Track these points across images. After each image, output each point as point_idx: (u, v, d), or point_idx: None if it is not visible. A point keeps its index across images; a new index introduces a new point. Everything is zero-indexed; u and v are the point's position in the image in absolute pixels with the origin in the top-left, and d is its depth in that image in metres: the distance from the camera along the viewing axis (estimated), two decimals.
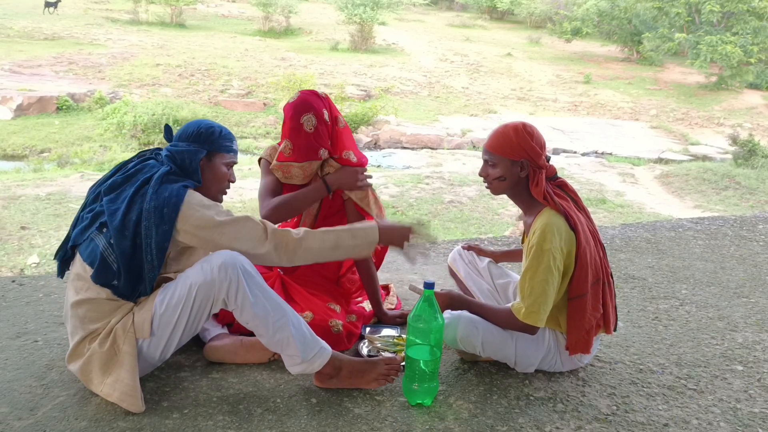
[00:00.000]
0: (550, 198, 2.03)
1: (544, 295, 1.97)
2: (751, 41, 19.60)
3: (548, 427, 1.89)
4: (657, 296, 2.98)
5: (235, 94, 16.50)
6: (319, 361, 1.93)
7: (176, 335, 1.89)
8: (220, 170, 2.01)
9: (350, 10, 22.43)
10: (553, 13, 28.35)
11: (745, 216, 4.56)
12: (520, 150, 2.02)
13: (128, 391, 1.83)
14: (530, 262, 1.98)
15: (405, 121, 15.80)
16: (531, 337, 2.09)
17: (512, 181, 2.06)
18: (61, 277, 2.00)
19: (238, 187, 9.72)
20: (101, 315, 1.87)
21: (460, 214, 9.41)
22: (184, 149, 1.95)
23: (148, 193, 1.82)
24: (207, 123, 2.03)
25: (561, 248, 1.98)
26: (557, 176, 2.12)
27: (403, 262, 3.31)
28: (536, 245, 1.97)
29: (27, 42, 18.86)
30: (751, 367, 2.34)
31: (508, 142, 2.03)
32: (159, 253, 1.82)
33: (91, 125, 13.64)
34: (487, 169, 2.10)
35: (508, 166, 2.04)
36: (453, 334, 2.08)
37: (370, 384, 2.01)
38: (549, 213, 2.02)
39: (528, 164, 2.03)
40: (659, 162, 14.39)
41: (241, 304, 1.84)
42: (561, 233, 1.98)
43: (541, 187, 2.03)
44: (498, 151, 2.05)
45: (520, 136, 2.02)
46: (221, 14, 27.27)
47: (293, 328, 1.88)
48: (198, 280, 1.83)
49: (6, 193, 8.81)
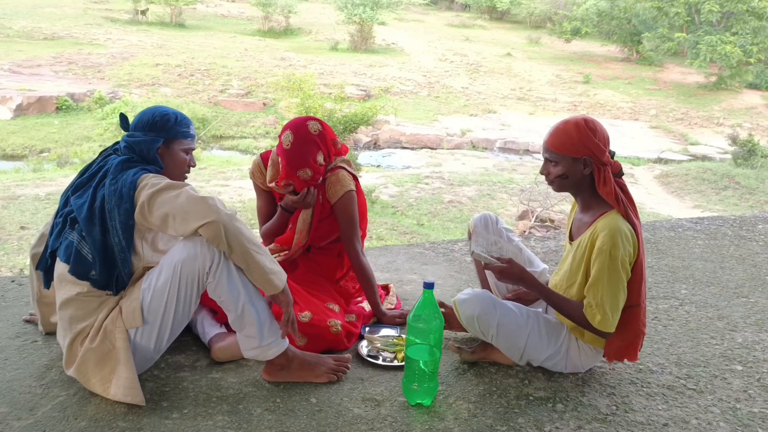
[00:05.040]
0: (621, 200, 1.97)
1: (617, 302, 1.95)
2: (751, 41, 19.60)
3: (548, 427, 1.89)
4: (657, 296, 2.98)
5: (234, 94, 16.49)
6: (274, 350, 1.96)
7: (168, 320, 1.88)
8: (179, 156, 2.03)
9: (350, 10, 22.42)
10: (553, 13, 28.34)
11: (745, 216, 4.56)
12: (583, 147, 1.94)
13: (128, 384, 1.83)
14: (600, 270, 1.93)
15: (404, 121, 15.80)
16: (545, 333, 2.08)
17: (575, 179, 2.00)
18: (47, 288, 2.01)
19: (238, 187, 9.73)
20: (87, 313, 1.88)
21: (460, 214, 9.41)
22: (141, 139, 1.95)
23: (108, 179, 1.85)
24: (162, 110, 2.02)
25: (629, 254, 1.94)
26: (622, 173, 2.04)
27: (403, 262, 3.31)
28: (606, 250, 1.91)
29: (26, 42, 18.85)
30: (751, 367, 2.34)
31: (569, 139, 1.95)
32: (125, 233, 1.83)
33: (90, 125, 13.64)
34: (549, 167, 2.02)
35: (571, 164, 1.97)
36: (470, 312, 2.03)
37: (320, 378, 2.04)
38: (615, 217, 1.95)
39: (591, 161, 1.96)
40: (659, 162, 14.40)
41: (218, 278, 1.85)
42: (629, 240, 1.93)
43: (610, 186, 1.96)
44: (559, 148, 1.97)
45: (582, 132, 1.94)
46: (221, 14, 27.24)
47: (259, 311, 1.91)
48: (182, 256, 1.83)
49: (5, 193, 8.81)
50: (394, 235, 8.20)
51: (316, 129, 2.32)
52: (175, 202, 1.78)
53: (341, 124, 11.42)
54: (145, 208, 1.80)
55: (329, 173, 2.43)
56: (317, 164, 2.31)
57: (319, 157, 2.31)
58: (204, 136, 14.21)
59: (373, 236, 7.84)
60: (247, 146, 14.01)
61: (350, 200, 2.42)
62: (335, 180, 2.42)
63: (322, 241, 2.54)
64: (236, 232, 1.81)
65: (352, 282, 2.61)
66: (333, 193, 2.42)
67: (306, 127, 2.31)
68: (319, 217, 2.47)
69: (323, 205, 2.45)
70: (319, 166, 2.31)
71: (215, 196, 1.88)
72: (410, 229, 8.56)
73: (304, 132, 2.30)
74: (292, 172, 2.28)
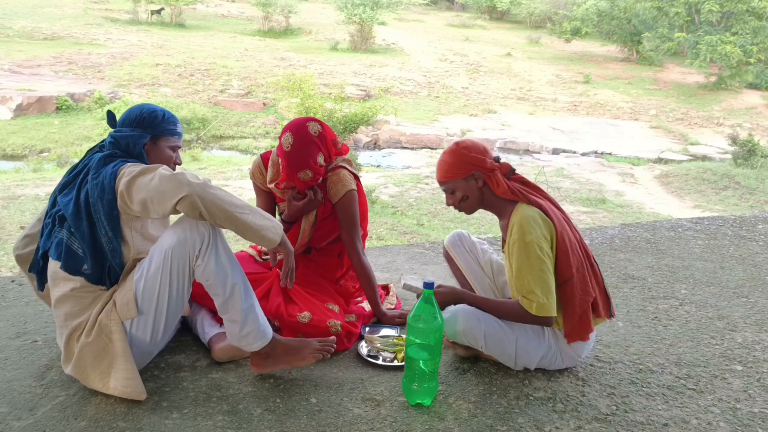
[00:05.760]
0: (518, 192, 2.07)
1: (546, 285, 1.99)
2: (751, 41, 19.59)
3: (548, 427, 1.89)
4: (656, 296, 2.98)
5: (234, 94, 16.50)
6: (259, 342, 1.95)
7: (163, 308, 1.88)
8: (165, 153, 2.04)
9: (350, 10, 22.43)
10: (553, 13, 28.35)
11: (745, 216, 4.56)
12: (465, 165, 2.08)
13: (127, 376, 1.83)
14: (518, 259, 2.00)
15: (404, 121, 15.81)
16: (532, 333, 2.10)
17: (475, 196, 2.12)
18: (41, 290, 2.01)
19: (238, 187, 9.72)
20: (82, 308, 1.88)
21: (460, 214, 9.41)
22: (127, 134, 1.96)
23: (90, 174, 1.86)
24: (150, 107, 2.03)
25: (544, 236, 2.00)
26: (514, 171, 2.15)
27: (403, 262, 3.32)
28: (518, 240, 2.00)
29: (26, 42, 18.85)
30: (751, 367, 2.34)
31: (449, 166, 2.10)
32: (110, 223, 1.83)
33: (90, 125, 13.64)
34: (449, 197, 2.15)
35: (464, 185, 2.11)
36: (454, 327, 2.08)
37: (306, 360, 2.04)
38: (521, 207, 2.06)
39: (479, 174, 2.09)
40: (659, 162, 14.40)
41: (206, 260, 1.85)
42: (538, 222, 2.01)
43: (502, 186, 2.08)
44: (447, 177, 2.11)
45: (457, 155, 2.09)
46: (221, 14, 27.25)
47: (245, 296, 1.91)
48: (171, 242, 1.84)
49: (5, 193, 8.81)
50: (394, 235, 8.20)
51: (315, 130, 2.32)
52: (149, 186, 1.77)
53: (341, 124, 11.43)
54: (125, 197, 1.80)
55: (330, 173, 2.43)
56: (317, 165, 2.31)
57: (320, 158, 2.32)
58: (204, 136, 14.22)
59: (373, 236, 7.84)
60: (247, 146, 14.01)
61: (351, 200, 2.43)
62: (336, 179, 2.42)
63: (322, 242, 2.55)
64: (212, 199, 1.78)
65: (352, 281, 2.61)
66: (334, 192, 2.42)
67: (306, 128, 2.31)
68: (321, 217, 2.47)
69: (324, 204, 2.45)
70: (319, 167, 2.32)
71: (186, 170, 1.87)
72: (410, 229, 8.56)
73: (303, 133, 2.30)
74: (293, 173, 2.28)
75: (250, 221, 1.84)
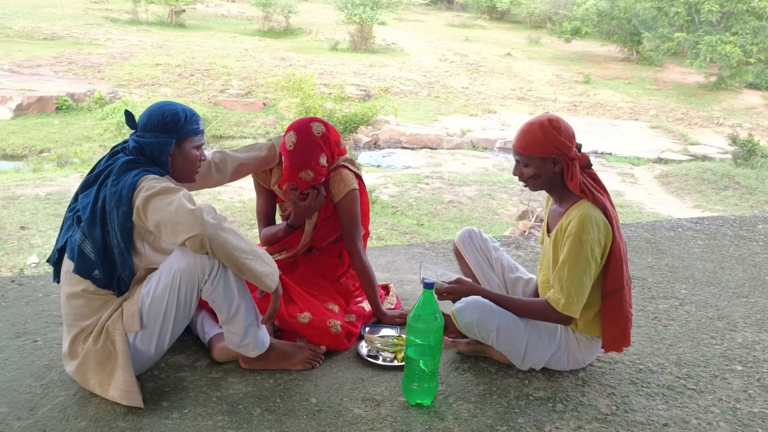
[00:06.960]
0: (587, 190, 2.01)
1: (582, 287, 1.97)
2: (751, 41, 19.59)
3: (548, 427, 1.89)
4: (656, 296, 2.98)
5: (234, 94, 16.49)
6: (256, 350, 2.03)
7: (168, 325, 1.89)
8: (190, 154, 2.01)
9: (350, 10, 22.42)
10: (553, 13, 28.33)
11: (745, 216, 4.56)
12: (550, 146, 1.99)
13: (125, 387, 1.84)
14: (568, 253, 1.96)
15: (404, 121, 15.80)
16: (543, 332, 2.09)
17: (547, 178, 2.05)
18: (57, 281, 2.01)
19: (238, 187, 9.72)
20: (92, 311, 1.89)
21: (460, 214, 9.41)
22: (152, 141, 1.93)
23: (110, 179, 1.86)
24: (171, 109, 1.97)
25: (599, 240, 1.96)
26: (590, 164, 2.08)
27: (403, 262, 3.31)
28: (574, 235, 1.95)
29: (26, 42, 18.85)
30: (751, 367, 2.34)
31: (536, 140, 2.00)
32: (123, 235, 1.83)
33: (90, 125, 13.64)
34: (521, 168, 2.07)
35: (541, 164, 2.02)
36: (468, 319, 2.05)
37: (295, 366, 2.12)
38: (586, 205, 2.00)
39: (560, 159, 2.01)
40: (659, 162, 14.41)
41: (215, 285, 1.87)
42: (599, 226, 1.97)
43: (576, 180, 2.01)
44: (528, 150, 2.02)
45: (547, 133, 1.98)
46: (221, 14, 27.25)
47: (249, 314, 1.96)
48: (181, 265, 1.84)
49: (5, 193, 8.81)
50: (394, 235, 8.21)
51: (319, 131, 2.33)
52: (166, 211, 1.78)
53: (341, 124, 11.44)
54: (140, 212, 1.81)
55: (332, 172, 2.43)
56: (319, 166, 2.31)
57: (322, 158, 2.32)
58: None
59: (373, 236, 7.85)
60: None
61: (353, 199, 2.43)
62: (339, 179, 2.42)
63: (323, 241, 2.55)
64: (222, 243, 1.79)
65: (353, 280, 2.61)
66: (336, 191, 2.43)
67: (309, 128, 2.32)
68: (322, 217, 2.47)
69: (326, 204, 2.46)
70: (321, 167, 2.32)
71: (207, 203, 1.87)
72: (410, 229, 8.57)
73: (307, 133, 2.30)
74: (294, 173, 2.29)
75: (252, 267, 1.86)
